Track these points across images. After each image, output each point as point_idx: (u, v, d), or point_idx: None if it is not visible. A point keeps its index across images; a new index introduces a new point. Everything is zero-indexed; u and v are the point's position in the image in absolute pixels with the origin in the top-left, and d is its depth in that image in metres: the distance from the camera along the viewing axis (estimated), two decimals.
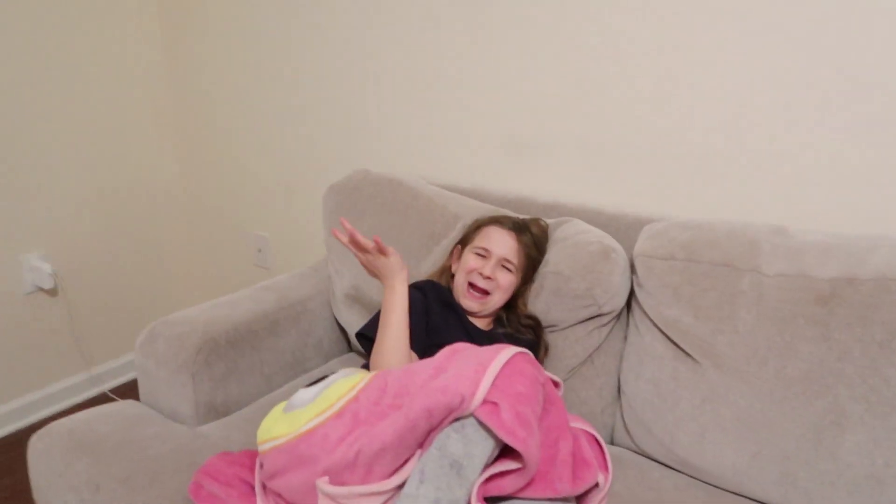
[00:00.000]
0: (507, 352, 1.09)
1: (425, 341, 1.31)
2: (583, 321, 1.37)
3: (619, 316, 1.41)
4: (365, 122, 2.00)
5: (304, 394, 1.19)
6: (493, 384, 1.04)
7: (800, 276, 1.17)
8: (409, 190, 1.66)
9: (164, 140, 2.49)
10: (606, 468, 1.18)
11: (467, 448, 1.04)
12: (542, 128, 1.70)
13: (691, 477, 1.26)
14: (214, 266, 2.59)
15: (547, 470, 1.07)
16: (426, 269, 1.54)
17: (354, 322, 1.63)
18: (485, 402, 1.03)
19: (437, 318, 1.35)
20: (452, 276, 1.46)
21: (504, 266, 1.38)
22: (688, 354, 1.25)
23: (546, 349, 1.40)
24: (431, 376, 1.07)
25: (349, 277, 1.64)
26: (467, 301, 1.38)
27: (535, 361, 1.12)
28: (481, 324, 1.41)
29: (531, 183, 1.75)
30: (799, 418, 1.12)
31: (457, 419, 1.04)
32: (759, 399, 1.15)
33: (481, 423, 1.04)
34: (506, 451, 1.07)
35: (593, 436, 1.20)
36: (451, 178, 1.84)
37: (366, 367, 1.35)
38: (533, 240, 1.41)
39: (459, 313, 1.38)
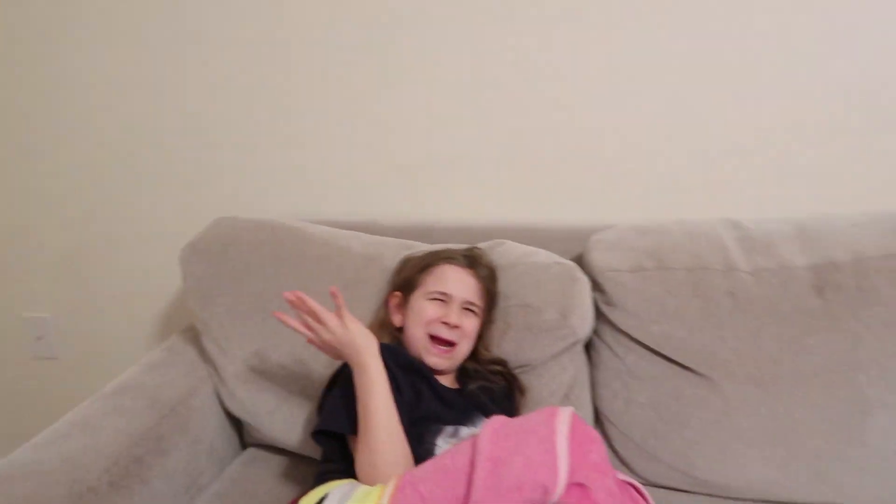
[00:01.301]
0: (562, 417, 0.90)
1: (406, 422, 1.04)
2: (557, 355, 1.22)
3: None
4: (192, 159, 1.61)
5: None
6: (569, 462, 0.84)
7: (782, 269, 1.15)
8: (298, 234, 1.34)
9: None
10: None
11: None
12: (429, 147, 1.51)
13: (716, 496, 1.17)
14: None
15: None
16: None
17: (259, 408, 1.27)
18: (569, 486, 0.83)
19: (407, 389, 1.08)
20: (399, 329, 1.20)
21: (467, 309, 1.16)
22: (689, 369, 1.16)
23: (523, 392, 1.21)
24: (490, 471, 0.83)
25: (242, 353, 1.28)
26: (433, 358, 1.14)
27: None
28: (447, 381, 1.18)
29: (425, 207, 1.55)
30: (825, 413, 1.09)
31: None
32: (781, 402, 1.11)
33: None
34: None
35: (633, 485, 1.06)
36: (326, 214, 1.54)
37: (333, 472, 1.04)
38: (489, 273, 1.22)
39: (426, 375, 1.13)
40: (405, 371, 1.10)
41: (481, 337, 1.21)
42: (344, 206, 1.59)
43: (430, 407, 1.10)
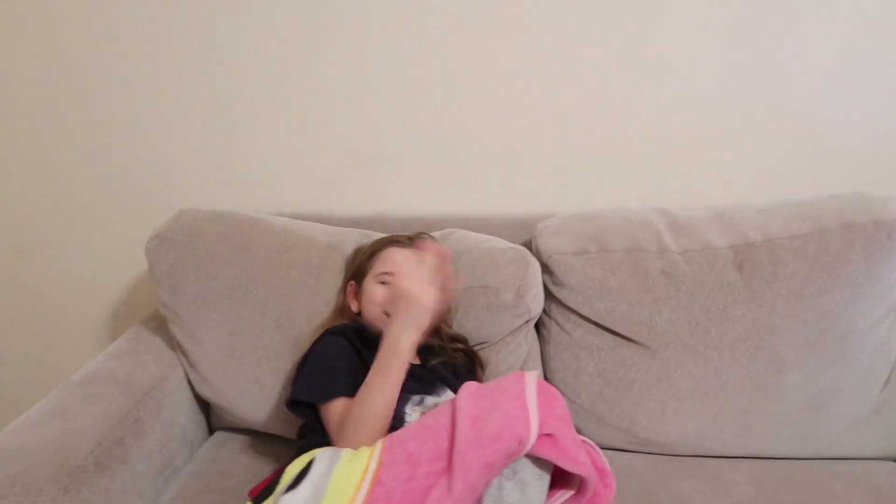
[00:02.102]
0: (529, 379, 1.01)
1: None
2: (513, 332, 1.33)
3: None
4: (139, 155, 1.63)
5: (292, 500, 0.93)
6: (539, 416, 0.95)
7: (706, 249, 1.30)
8: (260, 224, 1.40)
9: None
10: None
11: (525, 493, 0.95)
12: (381, 140, 1.59)
13: (656, 454, 1.32)
14: None
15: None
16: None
17: (230, 391, 1.33)
18: (539, 436, 0.94)
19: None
20: (358, 314, 1.28)
21: None
22: (631, 340, 1.30)
23: (483, 367, 1.32)
24: (471, 426, 0.93)
25: (211, 339, 1.33)
26: None
27: None
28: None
29: (376, 199, 1.63)
30: (748, 373, 1.25)
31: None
32: (711, 365, 1.26)
33: (535, 461, 0.96)
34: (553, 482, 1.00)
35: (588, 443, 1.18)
36: (278, 207, 1.60)
37: (314, 445, 1.10)
38: None
39: None
40: (370, 349, 1.18)
41: (441, 314, 1.31)
42: (296, 200, 1.64)
43: None
